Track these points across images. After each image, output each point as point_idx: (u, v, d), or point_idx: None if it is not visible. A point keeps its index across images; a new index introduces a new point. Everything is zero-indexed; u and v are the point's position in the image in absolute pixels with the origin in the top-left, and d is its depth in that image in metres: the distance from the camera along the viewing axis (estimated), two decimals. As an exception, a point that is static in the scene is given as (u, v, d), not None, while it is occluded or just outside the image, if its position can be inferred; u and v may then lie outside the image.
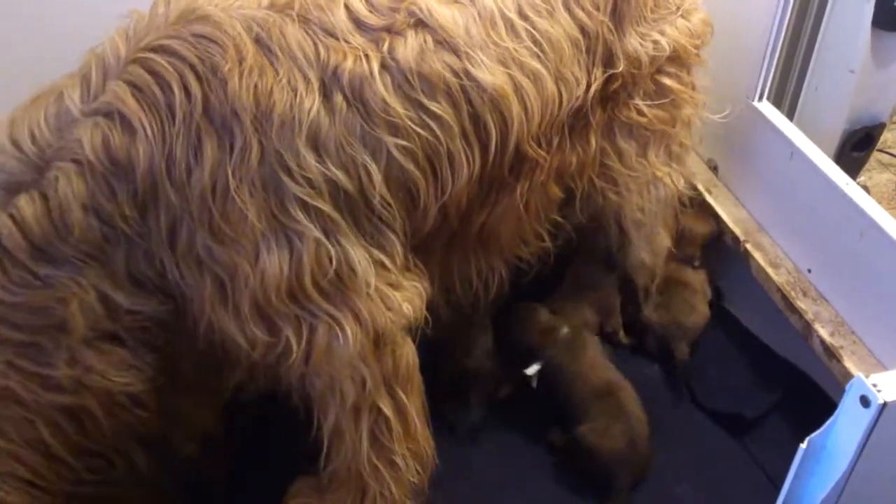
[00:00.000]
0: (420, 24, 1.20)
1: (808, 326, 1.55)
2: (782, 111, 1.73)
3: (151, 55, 1.12)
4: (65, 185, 1.10)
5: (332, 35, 1.17)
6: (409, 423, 1.33)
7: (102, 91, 1.13)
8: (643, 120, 1.50)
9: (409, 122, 1.18)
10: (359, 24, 1.19)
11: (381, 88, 1.16)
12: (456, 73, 1.20)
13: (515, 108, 1.25)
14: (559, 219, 1.58)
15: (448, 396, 1.58)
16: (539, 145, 1.33)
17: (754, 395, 1.68)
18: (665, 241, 1.74)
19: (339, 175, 1.14)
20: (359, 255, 1.17)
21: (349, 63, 1.15)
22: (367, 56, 1.17)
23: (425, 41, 1.19)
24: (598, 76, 1.38)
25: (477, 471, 1.56)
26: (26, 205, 1.10)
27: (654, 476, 1.55)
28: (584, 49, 1.34)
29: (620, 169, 1.55)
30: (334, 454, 1.32)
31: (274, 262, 1.12)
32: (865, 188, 1.69)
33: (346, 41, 1.17)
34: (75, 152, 1.10)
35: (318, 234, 1.13)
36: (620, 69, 1.40)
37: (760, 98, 1.71)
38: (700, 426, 1.65)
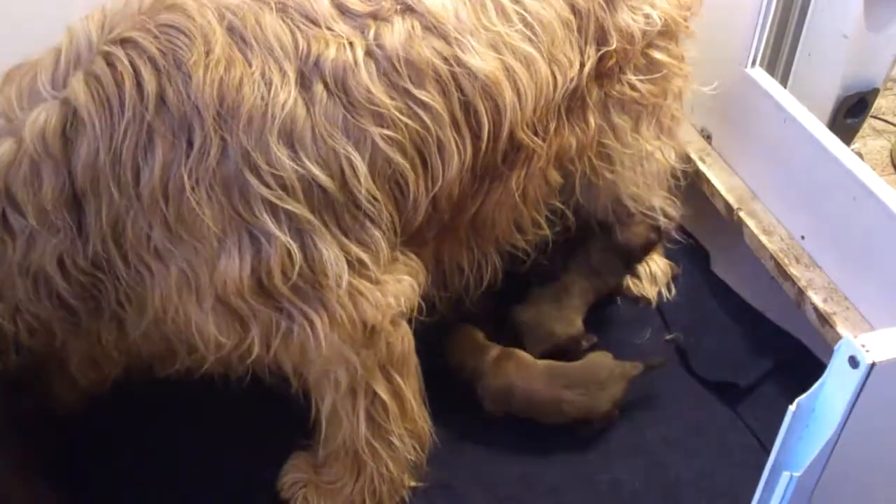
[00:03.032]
0: (408, 9, 1.17)
1: (801, 293, 1.55)
2: (775, 78, 1.72)
3: (113, 49, 1.08)
4: None
5: (314, 23, 1.12)
6: (405, 404, 1.33)
7: (66, 80, 1.09)
8: (635, 95, 1.48)
9: (396, 112, 1.14)
10: (343, 10, 1.15)
11: (366, 77, 1.12)
12: (446, 60, 1.17)
13: (508, 95, 1.22)
14: (559, 205, 1.56)
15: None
16: (535, 132, 1.30)
17: (748, 363, 1.68)
18: (664, 202, 1.73)
19: (316, 171, 1.10)
20: (332, 254, 1.13)
21: (331, 52, 1.11)
22: (350, 44, 1.12)
23: (413, 27, 1.15)
24: (592, 55, 1.35)
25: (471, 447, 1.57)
26: None
27: (647, 446, 1.56)
28: (576, 29, 1.31)
29: (615, 146, 1.53)
30: (331, 434, 1.33)
31: (234, 265, 1.08)
32: (859, 155, 1.69)
33: (329, 28, 1.12)
34: (21, 131, 1.08)
35: (285, 233, 1.09)
36: (614, 46, 1.37)
37: (753, 65, 1.70)
38: (693, 395, 1.65)
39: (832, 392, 0.88)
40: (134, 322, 1.19)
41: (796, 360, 1.67)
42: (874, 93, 1.86)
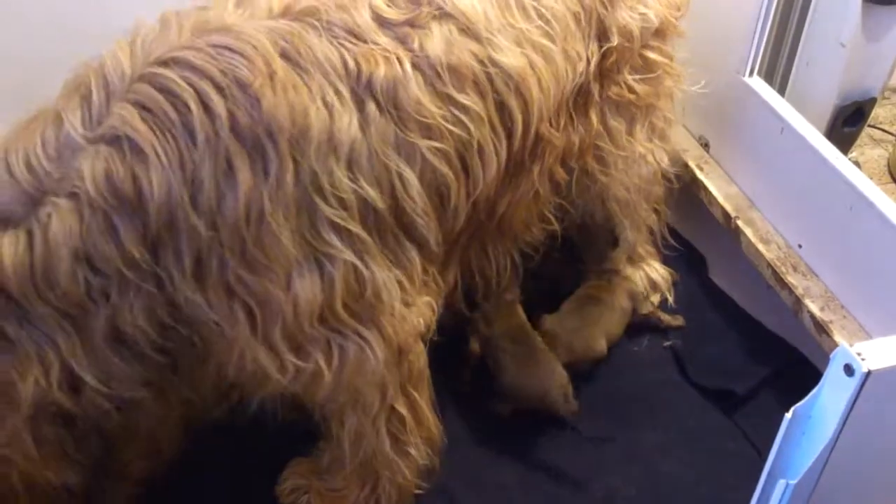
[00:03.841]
0: (444, 14, 1.15)
1: (798, 301, 1.55)
2: (773, 86, 1.73)
3: (162, 70, 1.01)
4: (57, 225, 0.98)
5: (359, 39, 1.10)
6: (420, 416, 1.33)
7: (107, 114, 1.00)
8: (632, 96, 1.49)
9: (442, 121, 1.13)
10: (382, 22, 1.13)
11: (415, 89, 1.11)
12: (481, 61, 1.17)
13: (535, 90, 1.22)
14: (563, 202, 1.57)
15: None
16: (552, 126, 1.31)
17: (745, 371, 1.68)
18: (648, 217, 1.74)
19: (371, 192, 1.09)
20: (384, 275, 1.13)
21: (381, 68, 1.09)
22: (397, 57, 1.11)
23: (450, 32, 1.15)
24: (595, 51, 1.36)
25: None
26: (9, 246, 0.97)
27: (643, 452, 1.56)
28: (583, 23, 1.32)
29: (610, 148, 1.53)
30: (353, 453, 1.32)
31: (307, 288, 1.06)
32: (857, 164, 1.69)
33: (375, 43, 1.10)
34: (75, 185, 0.98)
35: (349, 256, 1.08)
36: (615, 43, 1.38)
37: (751, 73, 1.70)
38: (690, 402, 1.65)
39: (828, 400, 0.89)
40: (199, 371, 1.16)
41: (793, 368, 1.67)
42: (872, 102, 1.87)
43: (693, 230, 1.92)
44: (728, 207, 1.74)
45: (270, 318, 1.06)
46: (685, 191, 1.86)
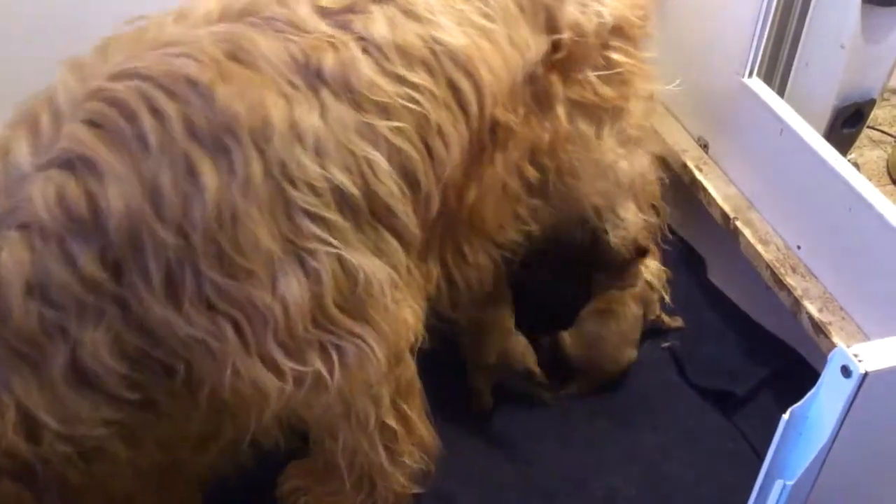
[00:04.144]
0: None
1: (797, 303, 1.55)
2: (772, 87, 1.72)
3: (110, 84, 0.97)
4: (6, 259, 0.92)
5: (302, 30, 1.08)
6: (412, 426, 1.32)
7: (56, 138, 0.96)
8: (596, 98, 1.45)
9: (398, 99, 1.12)
10: (322, 12, 1.11)
11: (367, 71, 1.10)
12: (426, 41, 1.16)
13: (483, 70, 1.20)
14: (538, 202, 1.51)
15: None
16: (509, 111, 1.29)
17: (743, 372, 1.68)
18: (636, 215, 1.72)
19: (343, 178, 1.06)
20: (372, 265, 1.09)
21: (330, 55, 1.08)
22: (343, 42, 1.09)
23: (392, 14, 1.14)
24: (545, 42, 1.33)
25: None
26: None
27: (641, 453, 1.56)
28: (528, 12, 1.30)
29: (580, 152, 1.49)
30: (349, 468, 1.31)
31: (293, 287, 1.01)
32: (856, 165, 1.69)
33: (318, 32, 1.09)
34: (25, 214, 0.93)
35: (332, 248, 1.04)
36: (565, 36, 1.35)
37: (750, 74, 1.70)
38: (689, 403, 1.65)
39: (825, 401, 0.89)
40: (185, 406, 1.08)
41: (792, 369, 1.67)
42: (871, 103, 1.87)
43: (692, 231, 1.92)
44: (727, 208, 1.74)
45: (260, 327, 1.01)
46: (684, 191, 1.87)
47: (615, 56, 1.45)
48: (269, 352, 1.02)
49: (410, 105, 1.13)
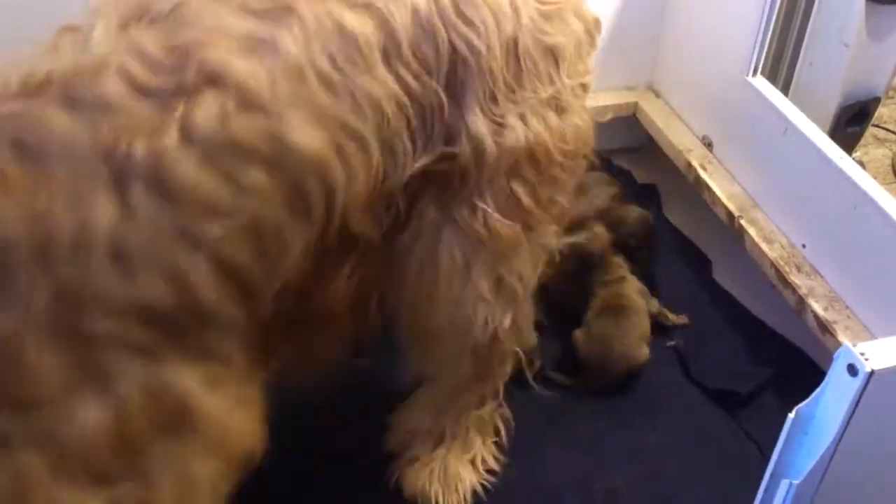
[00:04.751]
0: (214, 81, 0.95)
1: (801, 301, 1.55)
2: (777, 86, 1.72)
3: None
4: None
5: (112, 111, 0.91)
6: None
7: None
8: (483, 232, 1.19)
9: (226, 200, 0.95)
10: (140, 90, 0.93)
11: (185, 165, 0.92)
12: (267, 136, 0.97)
13: (339, 173, 1.03)
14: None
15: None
16: (368, 220, 1.12)
17: (748, 371, 1.68)
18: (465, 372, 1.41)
19: (151, 288, 0.91)
20: (188, 378, 0.96)
21: (143, 143, 0.90)
22: (160, 129, 0.92)
23: (225, 102, 0.95)
24: (432, 153, 1.12)
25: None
26: None
27: (645, 453, 1.56)
28: (412, 116, 1.09)
29: (441, 287, 1.23)
30: None
31: (90, 418, 0.89)
32: (861, 164, 1.69)
33: (131, 114, 0.91)
34: None
35: (137, 366, 0.91)
36: (458, 150, 1.13)
37: (755, 73, 1.70)
38: (693, 402, 1.65)
39: (831, 400, 0.89)
40: None
41: (797, 368, 1.67)
42: (876, 101, 1.87)
43: (696, 230, 1.92)
44: (731, 207, 1.73)
45: (66, 459, 0.90)
46: (688, 190, 1.87)
47: (519, 190, 1.20)
48: (81, 483, 0.91)
49: (240, 207, 0.97)
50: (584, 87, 1.25)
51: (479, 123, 1.13)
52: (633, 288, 1.72)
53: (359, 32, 1.03)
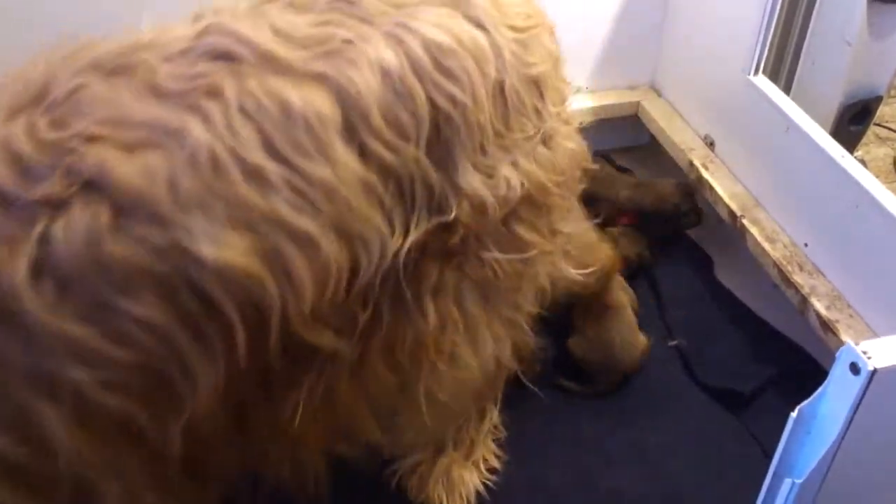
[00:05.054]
0: (88, 186, 0.78)
1: (804, 300, 1.54)
2: (778, 85, 1.72)
3: None
4: None
5: None
6: None
7: None
8: (491, 276, 1.12)
9: (99, 342, 0.78)
10: (1, 200, 0.77)
11: (39, 301, 0.75)
12: (160, 251, 0.80)
13: (270, 285, 0.85)
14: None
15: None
16: (329, 327, 0.95)
17: (751, 371, 1.68)
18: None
19: (6, 443, 0.76)
20: None
21: None
22: (13, 253, 0.75)
23: (98, 214, 0.78)
24: (422, 226, 0.99)
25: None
26: None
27: (648, 452, 1.56)
28: (385, 194, 0.94)
29: (457, 340, 1.14)
30: None
31: None
32: (863, 162, 1.69)
33: None
34: None
35: None
36: (453, 216, 1.01)
37: (756, 72, 1.70)
38: (695, 402, 1.64)
39: (834, 399, 0.88)
40: None
41: (799, 367, 1.66)
42: (878, 100, 1.87)
43: (698, 229, 1.92)
44: (734, 206, 1.73)
45: None
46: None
47: (521, 231, 1.13)
48: None
49: (123, 346, 0.80)
50: (564, 100, 1.17)
51: (474, 181, 1.02)
52: (615, 285, 1.71)
53: (308, 110, 0.87)
